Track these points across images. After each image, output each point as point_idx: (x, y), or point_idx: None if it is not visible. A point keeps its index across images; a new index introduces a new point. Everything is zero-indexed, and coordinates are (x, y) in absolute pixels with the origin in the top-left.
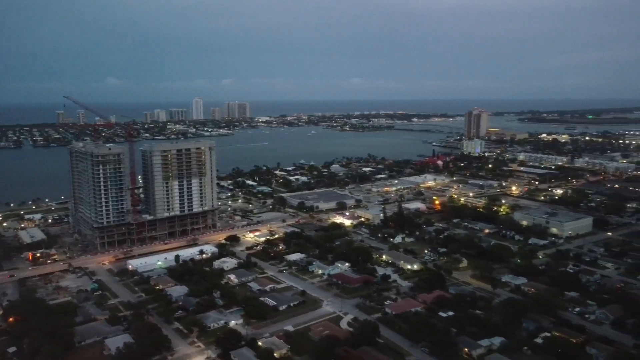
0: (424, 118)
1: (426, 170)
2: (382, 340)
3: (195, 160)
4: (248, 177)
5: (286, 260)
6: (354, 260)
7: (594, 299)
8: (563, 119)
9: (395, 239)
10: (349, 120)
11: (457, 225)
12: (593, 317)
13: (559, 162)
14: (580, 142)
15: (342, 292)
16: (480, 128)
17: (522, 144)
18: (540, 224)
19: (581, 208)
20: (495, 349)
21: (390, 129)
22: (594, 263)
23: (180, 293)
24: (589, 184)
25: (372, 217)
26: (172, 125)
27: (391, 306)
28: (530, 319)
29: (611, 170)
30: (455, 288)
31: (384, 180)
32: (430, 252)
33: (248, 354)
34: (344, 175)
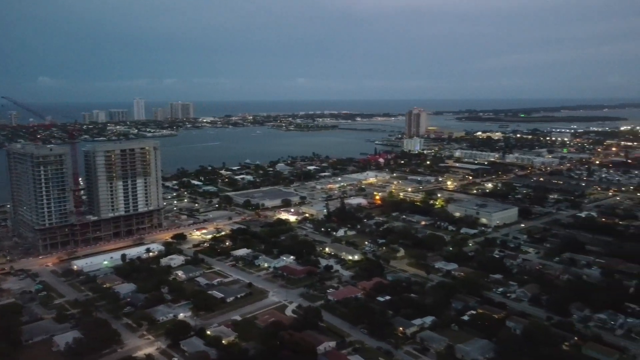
0: (368, 117)
1: (368, 167)
2: (325, 324)
3: (140, 160)
4: (193, 177)
5: (233, 255)
6: (298, 253)
7: (515, 279)
8: (498, 117)
9: (338, 232)
10: (294, 120)
11: (396, 218)
12: (514, 296)
13: (492, 158)
14: (511, 140)
15: (287, 283)
16: (420, 127)
17: (459, 142)
18: (472, 215)
19: (509, 200)
20: (427, 327)
21: (334, 128)
22: (518, 248)
23: (128, 290)
24: (517, 178)
25: (316, 213)
26: (112, 126)
27: (333, 294)
28: (458, 299)
29: (537, 164)
30: (392, 275)
31: (328, 178)
32: (370, 244)
33: (197, 343)
34: (289, 173)
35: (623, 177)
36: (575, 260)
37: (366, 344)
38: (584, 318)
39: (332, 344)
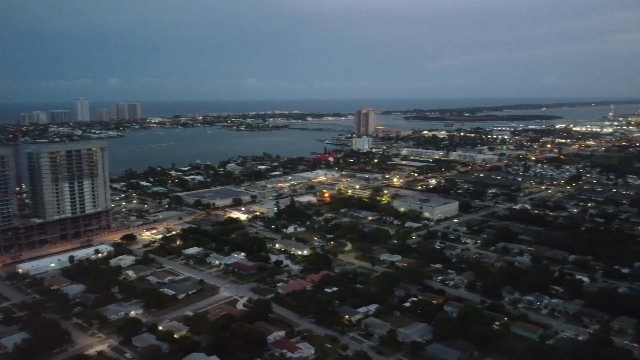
0: (318, 117)
1: (318, 166)
2: (275, 315)
3: (87, 162)
4: (142, 178)
5: (184, 254)
6: (249, 250)
7: (454, 268)
8: (444, 117)
9: (288, 229)
10: (245, 120)
11: (344, 215)
12: (452, 283)
13: (436, 155)
14: (456, 138)
15: (238, 279)
16: (369, 126)
17: (406, 140)
18: (415, 210)
19: (451, 195)
20: (371, 314)
21: (285, 128)
22: (457, 240)
23: (77, 291)
24: (460, 174)
25: (266, 211)
26: (54, 127)
27: (283, 287)
28: (401, 288)
29: (478, 161)
30: (340, 268)
31: (279, 177)
32: (319, 239)
33: (149, 338)
34: (240, 173)
35: (555, 172)
36: (509, 249)
37: (314, 332)
38: (514, 300)
39: (281, 333)
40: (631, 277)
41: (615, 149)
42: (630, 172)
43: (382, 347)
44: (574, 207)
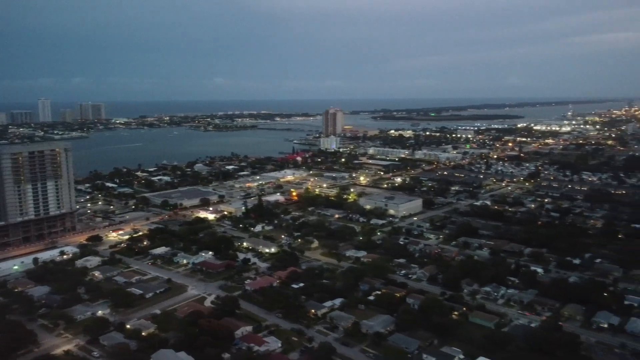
0: (287, 117)
1: (286, 166)
2: (242, 312)
3: (50, 163)
4: (107, 179)
5: (151, 254)
6: (217, 249)
7: (417, 262)
8: (410, 116)
9: (256, 228)
10: (213, 121)
11: (311, 213)
12: (415, 277)
13: (402, 154)
14: (421, 137)
15: (206, 277)
16: (337, 126)
17: (373, 140)
18: (381, 207)
19: (415, 192)
20: (336, 308)
21: (253, 128)
22: (420, 235)
23: (42, 292)
24: (424, 172)
25: (234, 211)
26: (14, 128)
27: (250, 284)
28: (366, 282)
29: (443, 160)
30: (306, 264)
31: (247, 177)
32: (287, 237)
33: (117, 337)
34: (207, 173)
35: (516, 170)
36: (469, 243)
37: (281, 326)
38: (473, 291)
39: (249, 329)
40: (581, 268)
41: (572, 147)
42: (585, 169)
43: (346, 338)
44: (532, 203)
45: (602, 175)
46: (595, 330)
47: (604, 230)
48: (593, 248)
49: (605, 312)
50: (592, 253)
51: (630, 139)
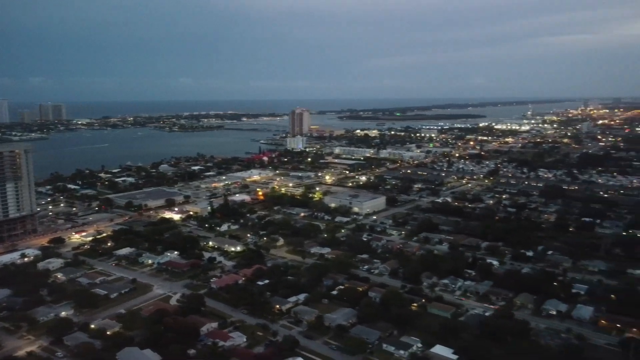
0: (254, 117)
1: (253, 166)
2: (208, 309)
3: (9, 164)
4: (69, 181)
5: (116, 255)
6: (182, 249)
7: (379, 258)
8: (376, 116)
9: (222, 227)
10: (178, 121)
11: (277, 212)
12: (377, 271)
13: (367, 153)
14: (386, 136)
15: (172, 277)
16: (303, 126)
17: (339, 139)
18: (345, 205)
19: (379, 190)
20: (301, 303)
21: (220, 128)
22: (383, 232)
23: (2, 295)
24: (388, 171)
25: (200, 211)
26: None
27: (216, 282)
28: (329, 277)
29: (407, 158)
30: (272, 262)
31: (213, 177)
32: (253, 236)
33: (81, 337)
34: (172, 174)
35: (476, 167)
36: (429, 239)
37: (246, 322)
38: (432, 284)
39: (214, 325)
40: (534, 259)
41: (530, 145)
42: (541, 166)
43: (310, 332)
44: (490, 199)
45: (557, 172)
46: (544, 317)
47: (556, 224)
48: (545, 241)
49: (554, 300)
50: (545, 246)
51: (584, 138)
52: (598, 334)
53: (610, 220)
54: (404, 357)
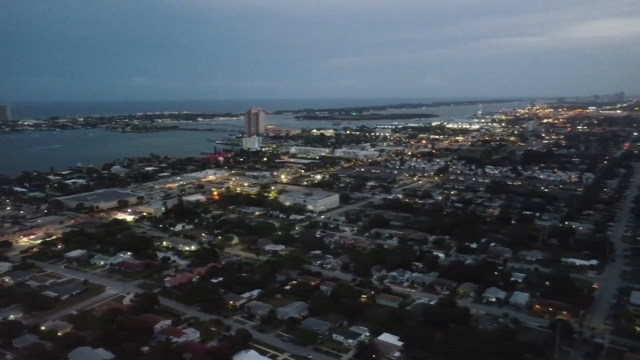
0: (210, 117)
1: (208, 166)
2: (162, 307)
3: None
4: (16, 183)
5: (66, 257)
6: (135, 249)
7: (331, 253)
8: (333, 116)
9: (176, 227)
10: (132, 122)
11: (232, 211)
12: (329, 266)
13: (323, 153)
14: (342, 136)
15: (125, 277)
16: (259, 126)
17: (295, 139)
18: (300, 203)
19: (334, 188)
20: (254, 298)
21: (175, 129)
22: (336, 228)
23: None
24: (343, 170)
25: (154, 211)
26: None
27: (170, 280)
28: (283, 273)
29: (361, 157)
30: (226, 260)
31: (167, 178)
32: (207, 235)
33: (31, 338)
34: (125, 175)
35: (427, 165)
36: (380, 234)
37: (200, 318)
38: (381, 277)
39: (168, 322)
40: (478, 251)
41: (479, 143)
42: (489, 163)
43: (263, 325)
44: (439, 195)
45: (502, 168)
46: (484, 304)
47: (500, 218)
48: (489, 233)
49: (494, 288)
50: (488, 238)
51: (530, 136)
52: (532, 317)
53: (548, 213)
54: (352, 345)
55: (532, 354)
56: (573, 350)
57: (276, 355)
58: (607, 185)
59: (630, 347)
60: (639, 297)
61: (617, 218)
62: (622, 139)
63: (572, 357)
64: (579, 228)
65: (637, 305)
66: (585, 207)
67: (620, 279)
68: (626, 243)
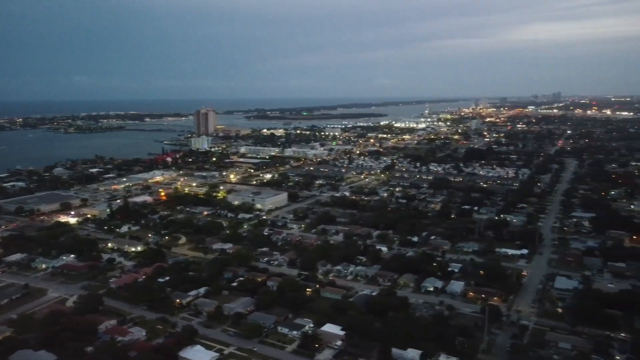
0: (157, 118)
1: (155, 167)
2: (107, 308)
3: None
4: None
5: (5, 261)
6: (79, 252)
7: (279, 250)
8: (284, 115)
9: (122, 228)
10: (75, 122)
11: (180, 211)
12: (276, 262)
13: (273, 152)
14: (292, 135)
15: (68, 280)
16: (209, 126)
17: (246, 139)
18: (248, 202)
19: (282, 187)
20: (201, 295)
21: (121, 129)
22: (284, 226)
23: None
24: (292, 168)
25: (99, 213)
26: None
27: (115, 281)
28: (230, 271)
29: (310, 156)
30: (173, 259)
31: (113, 179)
32: (154, 235)
33: None
34: (68, 177)
35: (374, 163)
36: (327, 230)
37: (146, 317)
38: (326, 271)
39: (113, 322)
40: (419, 244)
41: (425, 142)
42: (433, 160)
43: (209, 321)
44: (385, 192)
45: (445, 165)
46: (423, 293)
47: (440, 212)
48: (430, 227)
49: (432, 278)
50: (428, 232)
51: (472, 134)
52: (466, 304)
53: (486, 207)
54: (296, 337)
55: (462, 336)
56: (501, 332)
57: (222, 349)
58: (541, 180)
59: (552, 327)
60: (563, 282)
61: (547, 210)
62: (556, 137)
63: (500, 338)
64: (513, 220)
65: (560, 290)
66: (519, 201)
67: (548, 266)
68: (554, 233)
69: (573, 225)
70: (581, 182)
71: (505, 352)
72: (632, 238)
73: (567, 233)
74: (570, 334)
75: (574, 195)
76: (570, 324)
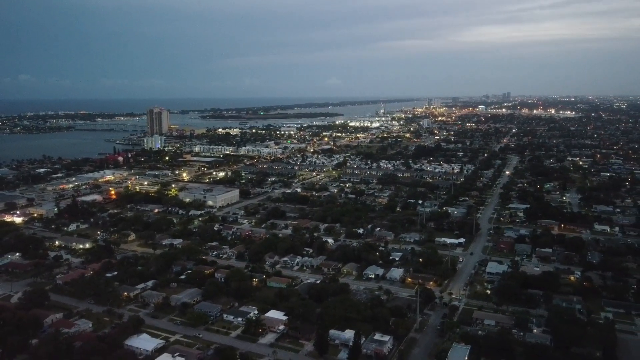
0: (109, 117)
1: (106, 166)
2: (54, 303)
3: None
4: None
5: None
6: (24, 250)
7: (228, 244)
8: (240, 115)
9: (70, 227)
10: (21, 122)
11: (130, 209)
12: (225, 256)
13: (227, 151)
14: (247, 134)
15: (13, 278)
16: (162, 125)
17: (200, 138)
18: (200, 199)
19: (235, 185)
20: (149, 288)
21: (71, 129)
22: (235, 221)
23: None
24: (246, 166)
25: (45, 212)
26: None
27: (62, 278)
28: (178, 264)
29: (264, 154)
30: (121, 255)
31: (61, 179)
32: (103, 233)
33: None
34: (14, 177)
35: (327, 161)
36: (276, 224)
37: (93, 310)
38: (273, 262)
39: (59, 316)
40: (364, 236)
41: (377, 140)
42: (383, 157)
43: (156, 312)
44: (335, 188)
45: (395, 162)
46: (365, 280)
47: (387, 206)
48: (376, 220)
49: (374, 266)
50: (374, 224)
51: (424, 132)
52: (404, 289)
53: (430, 200)
54: (241, 323)
55: (396, 316)
56: (434, 312)
57: (168, 337)
58: (484, 174)
59: (480, 306)
60: (493, 267)
61: (487, 203)
62: (502, 135)
63: (432, 318)
64: (454, 212)
65: (491, 274)
66: (461, 194)
67: (482, 253)
68: (491, 223)
69: (509, 216)
70: (520, 176)
71: (435, 330)
72: (560, 226)
73: (503, 223)
74: (496, 312)
75: (512, 188)
76: (496, 303)
